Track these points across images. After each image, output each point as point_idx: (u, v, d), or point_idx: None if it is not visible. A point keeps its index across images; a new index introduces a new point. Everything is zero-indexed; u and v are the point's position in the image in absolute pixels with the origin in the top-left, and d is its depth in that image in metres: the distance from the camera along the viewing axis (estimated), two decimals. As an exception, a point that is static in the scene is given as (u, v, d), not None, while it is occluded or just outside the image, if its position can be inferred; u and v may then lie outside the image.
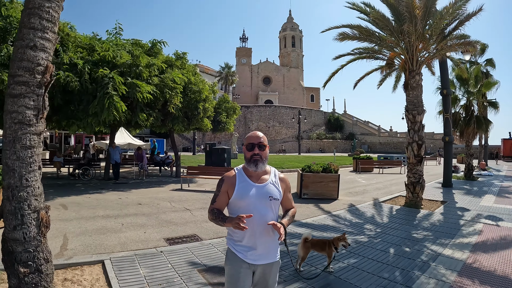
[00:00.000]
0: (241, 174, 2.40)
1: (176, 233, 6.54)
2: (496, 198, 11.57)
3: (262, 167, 2.37)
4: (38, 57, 3.03)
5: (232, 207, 2.37)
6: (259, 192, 2.32)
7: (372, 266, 4.87)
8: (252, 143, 2.36)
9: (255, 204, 2.29)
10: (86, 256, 5.04)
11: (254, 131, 2.47)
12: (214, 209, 2.36)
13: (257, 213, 2.26)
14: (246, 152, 2.40)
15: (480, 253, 5.51)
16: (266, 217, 2.29)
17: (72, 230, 6.56)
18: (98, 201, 9.80)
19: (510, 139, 42.86)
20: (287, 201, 2.54)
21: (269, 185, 2.38)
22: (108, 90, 10.94)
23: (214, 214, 2.33)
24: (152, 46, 14.79)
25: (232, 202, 2.35)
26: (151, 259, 4.91)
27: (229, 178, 2.39)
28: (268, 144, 2.46)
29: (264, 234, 2.30)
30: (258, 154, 2.34)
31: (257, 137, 2.39)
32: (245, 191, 2.31)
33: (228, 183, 2.36)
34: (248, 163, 2.38)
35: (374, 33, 10.37)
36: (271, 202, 2.34)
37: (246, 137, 2.45)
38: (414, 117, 10.13)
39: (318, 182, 10.95)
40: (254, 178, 2.38)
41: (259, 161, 2.34)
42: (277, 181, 2.45)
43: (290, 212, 2.49)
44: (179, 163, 17.37)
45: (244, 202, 2.30)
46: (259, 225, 2.27)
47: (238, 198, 2.31)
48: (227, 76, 68.09)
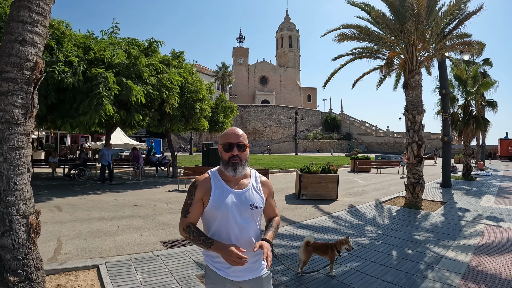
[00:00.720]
0: (216, 178, 2.04)
1: (173, 236, 6.37)
2: (496, 198, 11.50)
3: (241, 171, 2.02)
4: (27, 52, 2.86)
5: (207, 218, 2.02)
6: (239, 200, 1.99)
7: (375, 269, 4.74)
8: (230, 142, 2.00)
9: (234, 214, 1.95)
10: (80, 261, 4.86)
11: (232, 128, 2.10)
12: (190, 225, 1.98)
13: (236, 224, 1.95)
14: (222, 152, 2.04)
15: (483, 255, 5.41)
16: (248, 229, 1.99)
17: (66, 233, 6.38)
18: (93, 203, 9.61)
19: (507, 139, 42.97)
20: (270, 208, 2.19)
21: (250, 191, 2.05)
22: (99, 90, 10.77)
23: (192, 233, 1.94)
24: (149, 45, 14.62)
25: (208, 212, 1.99)
26: (148, 264, 4.75)
27: (203, 183, 2.02)
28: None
29: (246, 248, 1.91)
30: (238, 156, 1.99)
31: (235, 135, 2.02)
32: (223, 199, 1.96)
33: (202, 189, 1.99)
34: (226, 166, 2.01)
35: (373, 32, 10.27)
36: (253, 211, 2.02)
37: (222, 134, 2.09)
38: (414, 117, 10.03)
39: (317, 182, 10.82)
40: (233, 183, 2.04)
41: (239, 164, 2.00)
42: (258, 186, 2.12)
43: (274, 222, 2.14)
44: (176, 163, 17.20)
45: (222, 212, 1.95)
46: (240, 238, 1.96)
47: (215, 207, 1.95)
48: (224, 76, 67.86)
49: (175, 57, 15.87)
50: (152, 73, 12.83)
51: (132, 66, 12.12)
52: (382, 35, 10.30)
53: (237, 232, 1.95)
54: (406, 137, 10.36)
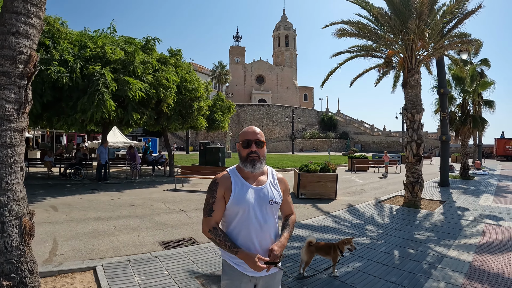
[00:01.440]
0: (236, 176, 2.10)
1: (172, 236, 6.26)
2: (494, 197, 11.48)
3: (260, 167, 2.08)
4: (21, 45, 2.72)
5: (228, 215, 2.07)
6: (258, 196, 2.04)
7: (378, 269, 4.66)
8: (248, 139, 2.07)
9: (255, 210, 2.01)
10: (76, 262, 4.73)
11: (250, 126, 2.15)
12: (216, 227, 2.01)
13: (257, 220, 2.01)
14: (241, 150, 2.10)
15: (485, 254, 5.37)
16: (267, 224, 2.04)
17: (62, 234, 6.24)
18: (89, 202, 9.46)
19: (503, 139, 43.12)
20: (287, 205, 2.25)
21: (268, 187, 2.11)
22: (99, 87, 10.63)
23: (218, 236, 1.99)
24: (146, 43, 14.46)
25: (229, 208, 2.03)
26: (146, 265, 4.63)
27: (223, 180, 2.07)
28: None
29: (265, 242, 2.04)
30: (256, 153, 2.05)
31: (253, 132, 2.08)
32: (243, 195, 2.01)
33: (223, 186, 2.04)
34: (244, 163, 2.07)
35: (373, 30, 10.20)
36: (272, 206, 2.08)
37: (241, 132, 2.14)
38: (413, 116, 9.97)
39: (316, 182, 10.73)
40: (251, 180, 2.09)
41: (257, 160, 2.05)
42: (276, 182, 2.18)
43: (290, 221, 2.21)
44: (173, 162, 17.05)
45: (242, 208, 2.00)
46: (259, 233, 2.01)
47: (236, 203, 2.00)
48: (221, 75, 67.68)
49: (173, 55, 15.71)
50: (149, 71, 12.69)
51: (128, 63, 11.96)
52: (382, 33, 10.24)
53: (257, 227, 2.00)
54: (405, 136, 10.30)
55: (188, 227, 6.96)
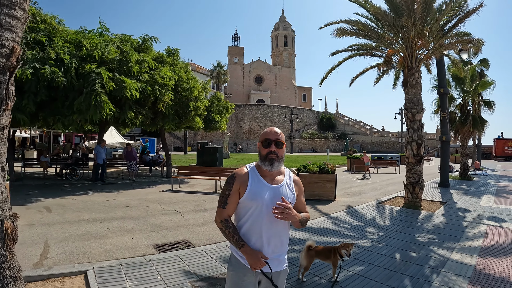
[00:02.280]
0: (254, 173, 2.18)
1: (166, 238, 6.09)
2: (495, 198, 11.37)
3: (278, 166, 2.16)
4: (3, 37, 2.55)
5: (240, 208, 2.15)
6: (273, 194, 2.11)
7: (379, 274, 4.51)
8: (269, 139, 2.15)
9: (268, 207, 2.06)
10: (67, 266, 4.58)
11: (271, 127, 2.23)
12: (228, 219, 2.13)
13: (268, 217, 2.07)
14: (261, 149, 2.18)
15: (489, 257, 5.25)
16: (277, 222, 2.09)
17: (55, 236, 6.08)
18: (84, 203, 9.28)
19: (502, 139, 43.07)
20: (301, 205, 2.30)
21: (283, 187, 2.18)
22: (95, 87, 10.46)
23: (229, 228, 2.10)
24: (143, 42, 14.29)
25: (242, 202, 2.12)
26: (139, 269, 4.46)
27: (241, 175, 2.15)
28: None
29: (274, 240, 2.12)
30: (275, 152, 2.13)
31: (274, 133, 2.17)
32: (258, 192, 2.10)
33: (240, 181, 2.13)
34: (263, 161, 2.15)
35: (372, 29, 10.06)
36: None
37: (262, 132, 2.23)
38: (413, 116, 9.84)
39: (315, 182, 10.58)
40: (268, 179, 2.17)
41: (275, 160, 2.13)
42: (291, 183, 2.26)
43: (304, 214, 2.23)
44: (170, 162, 16.87)
45: (256, 203, 2.08)
46: (269, 230, 2.09)
47: (250, 198, 2.09)
48: (219, 75, 67.45)
49: (170, 55, 15.55)
50: (145, 69, 12.52)
51: (123, 63, 11.80)
52: (381, 32, 10.10)
53: (267, 224, 2.07)
54: (405, 136, 10.16)
55: (183, 229, 6.79)
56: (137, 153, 17.70)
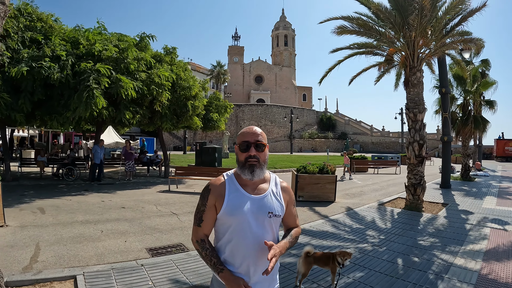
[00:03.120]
0: (232, 182, 1.83)
1: (160, 242, 5.91)
2: (498, 200, 11.18)
3: (260, 173, 1.80)
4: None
5: (219, 226, 1.81)
6: (256, 206, 1.76)
7: (381, 280, 4.33)
8: (247, 141, 1.79)
9: (250, 222, 1.73)
10: (57, 270, 4.42)
11: (250, 126, 1.87)
12: (205, 240, 1.79)
13: (251, 234, 1.73)
14: (239, 153, 1.83)
15: (493, 262, 5.07)
16: (263, 239, 1.73)
17: (46, 238, 5.92)
18: (79, 204, 9.10)
19: (503, 140, 42.88)
20: (291, 218, 1.95)
21: (268, 196, 1.82)
22: (89, 83, 10.30)
23: (205, 250, 1.77)
24: (140, 40, 14.11)
25: (220, 218, 1.78)
26: (130, 275, 4.28)
27: (216, 187, 1.81)
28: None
29: (261, 259, 1.74)
30: (255, 157, 1.77)
31: (253, 133, 1.80)
32: (238, 205, 1.74)
33: (216, 193, 1.78)
34: (242, 169, 1.80)
35: (373, 27, 9.88)
36: (271, 220, 1.79)
37: (239, 133, 1.86)
38: (415, 116, 9.66)
39: (314, 183, 10.39)
40: (250, 188, 1.81)
41: (256, 166, 1.77)
42: (278, 192, 1.88)
43: (293, 231, 1.90)
44: (168, 162, 16.69)
45: (236, 219, 1.73)
46: (254, 249, 1.73)
47: (228, 213, 1.74)
48: (219, 74, 67.30)
49: (168, 53, 15.37)
50: (142, 68, 12.36)
51: (121, 60, 11.65)
52: (383, 30, 9.93)
53: (252, 243, 1.73)
54: (407, 136, 9.99)
55: (178, 232, 6.61)
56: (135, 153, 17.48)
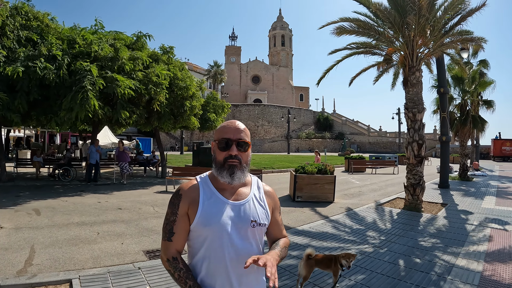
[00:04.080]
0: (207, 186, 1.55)
1: (157, 244, 5.79)
2: (497, 199, 11.17)
3: (240, 177, 1.52)
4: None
5: (193, 239, 1.51)
6: (236, 214, 1.49)
7: (382, 282, 4.25)
8: (228, 138, 1.50)
9: (230, 234, 1.45)
10: (52, 274, 4.31)
11: (231, 120, 1.59)
12: (176, 258, 1.49)
13: (232, 247, 1.45)
14: (217, 151, 1.54)
15: (495, 263, 5.01)
16: (246, 253, 1.45)
17: (42, 241, 5.79)
18: (75, 206, 8.97)
19: (500, 140, 43.04)
20: (276, 227, 1.66)
21: (251, 202, 1.55)
22: (84, 84, 10.19)
23: (178, 271, 1.45)
24: (137, 39, 13.99)
25: (194, 230, 1.49)
26: (127, 278, 4.18)
27: (188, 191, 1.52)
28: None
29: (246, 279, 1.49)
30: (237, 157, 1.50)
31: (235, 129, 1.52)
32: (214, 213, 1.46)
33: (188, 199, 1.50)
34: (220, 170, 1.51)
35: (372, 27, 9.82)
36: (255, 230, 1.52)
37: (219, 127, 1.58)
38: (414, 116, 9.60)
39: (313, 184, 10.31)
40: (228, 193, 1.54)
41: (237, 167, 1.50)
42: (262, 197, 1.61)
43: (280, 241, 1.61)
44: (165, 163, 16.56)
45: (213, 230, 1.45)
46: (237, 266, 1.45)
47: (203, 223, 1.46)
48: (216, 74, 67.14)
49: (165, 53, 15.25)
50: (139, 67, 12.25)
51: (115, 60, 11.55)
52: (381, 30, 9.87)
53: (233, 256, 1.45)
54: (406, 136, 9.94)
55: (177, 233, 6.51)
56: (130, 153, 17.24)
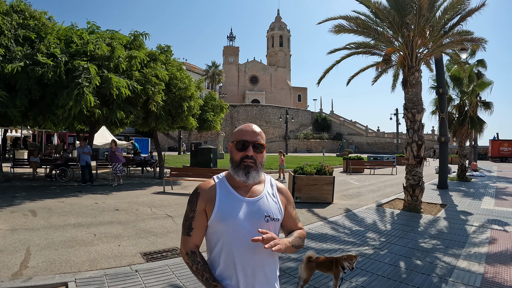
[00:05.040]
0: (223, 184, 1.67)
1: (155, 246, 5.72)
2: (496, 200, 11.14)
3: (255, 177, 1.63)
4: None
5: (211, 234, 1.62)
6: (251, 210, 1.59)
7: (383, 285, 4.20)
8: (245, 140, 1.62)
9: (245, 228, 1.55)
10: (48, 277, 4.23)
11: (248, 124, 1.71)
12: (195, 252, 1.61)
13: (248, 242, 1.51)
14: (234, 152, 1.65)
15: (497, 265, 4.97)
16: (261, 246, 1.50)
17: (37, 242, 5.70)
18: (71, 206, 8.87)
19: (498, 140, 43.16)
20: (291, 220, 1.76)
21: (264, 198, 1.66)
22: (80, 80, 10.11)
23: (196, 264, 1.59)
24: (134, 39, 13.90)
25: (211, 225, 1.60)
26: (124, 281, 4.10)
27: (206, 190, 1.64)
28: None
29: (260, 272, 1.58)
30: (252, 158, 1.61)
31: (252, 132, 1.64)
32: (230, 209, 1.57)
33: (205, 197, 1.61)
34: (236, 169, 1.63)
35: (372, 26, 9.78)
36: (269, 224, 1.60)
37: (236, 130, 1.69)
38: (413, 116, 9.56)
39: (312, 184, 10.24)
40: (243, 190, 1.65)
41: (252, 168, 1.61)
42: (275, 193, 1.72)
43: (295, 232, 1.71)
44: (163, 163, 16.47)
45: (229, 225, 1.55)
46: (251, 259, 1.56)
47: (220, 219, 1.56)
48: (214, 75, 67.10)
49: (162, 52, 15.17)
50: (136, 67, 12.17)
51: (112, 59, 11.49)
52: (381, 29, 9.83)
53: (247, 252, 1.55)
54: (405, 137, 9.89)
55: (174, 235, 6.41)
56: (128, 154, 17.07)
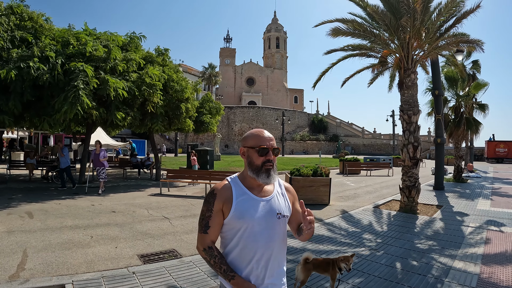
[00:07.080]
0: (237, 185, 1.81)
1: (152, 248, 5.72)
2: (492, 201, 11.21)
3: (274, 177, 1.81)
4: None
5: (227, 231, 1.78)
6: (265, 209, 1.77)
7: (380, 285, 4.23)
8: (265, 146, 1.78)
9: (260, 225, 1.73)
10: (45, 279, 4.23)
11: (260, 129, 1.87)
12: (212, 247, 1.76)
13: (261, 236, 1.73)
14: (254, 157, 1.79)
15: (493, 265, 5.01)
16: (274, 242, 1.77)
17: (34, 244, 5.69)
18: (68, 208, 8.85)
19: (494, 141, 43.36)
20: (298, 214, 1.91)
21: (275, 198, 1.83)
22: (76, 83, 10.09)
23: (214, 258, 1.74)
24: (130, 41, 13.89)
25: (228, 223, 1.75)
26: (121, 283, 4.10)
27: (223, 191, 1.77)
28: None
29: (272, 264, 1.77)
30: (272, 162, 1.79)
31: (269, 138, 1.81)
32: (247, 208, 1.73)
33: (222, 198, 1.75)
34: (258, 172, 1.77)
35: (368, 29, 9.83)
36: (280, 221, 1.79)
37: (252, 135, 1.83)
38: (409, 118, 9.63)
39: (308, 186, 10.27)
40: (256, 190, 1.80)
41: (272, 170, 1.79)
42: (283, 192, 1.91)
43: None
44: (160, 165, 16.44)
45: (245, 222, 1.71)
46: (266, 253, 1.74)
47: (237, 217, 1.72)
48: (211, 76, 67.01)
49: (160, 54, 15.17)
50: (133, 68, 12.16)
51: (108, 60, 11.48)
52: (377, 32, 9.88)
53: (263, 245, 1.74)
54: (401, 139, 9.94)
55: (171, 237, 6.42)
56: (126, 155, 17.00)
